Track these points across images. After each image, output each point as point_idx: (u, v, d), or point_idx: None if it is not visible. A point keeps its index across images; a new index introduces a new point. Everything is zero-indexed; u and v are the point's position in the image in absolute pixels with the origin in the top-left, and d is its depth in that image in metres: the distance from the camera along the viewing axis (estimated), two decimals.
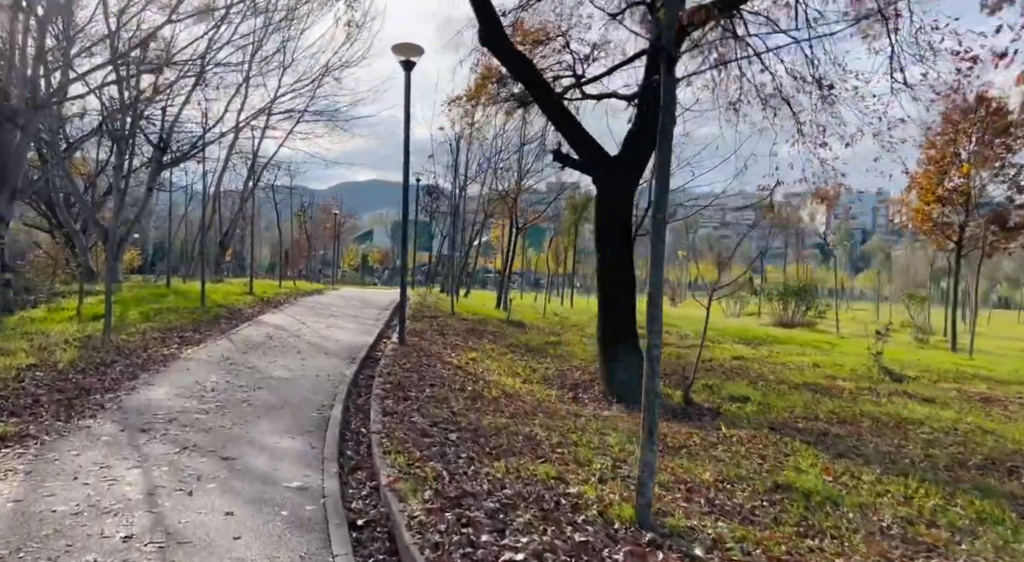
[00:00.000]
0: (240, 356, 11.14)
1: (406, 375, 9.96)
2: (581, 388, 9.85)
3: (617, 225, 9.65)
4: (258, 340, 12.90)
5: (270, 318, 16.32)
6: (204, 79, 26.47)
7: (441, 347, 12.95)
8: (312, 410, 7.83)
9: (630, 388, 9.26)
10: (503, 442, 6.26)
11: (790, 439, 6.74)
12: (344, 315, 17.79)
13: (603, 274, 9.77)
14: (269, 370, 10.08)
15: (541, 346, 13.96)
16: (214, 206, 39.46)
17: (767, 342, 17.50)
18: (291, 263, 60.62)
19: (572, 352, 13.26)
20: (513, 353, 12.92)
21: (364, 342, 13.39)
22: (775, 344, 16.93)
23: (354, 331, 14.83)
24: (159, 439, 6.35)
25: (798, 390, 9.86)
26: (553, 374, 10.73)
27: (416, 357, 11.67)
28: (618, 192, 9.63)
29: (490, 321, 17.23)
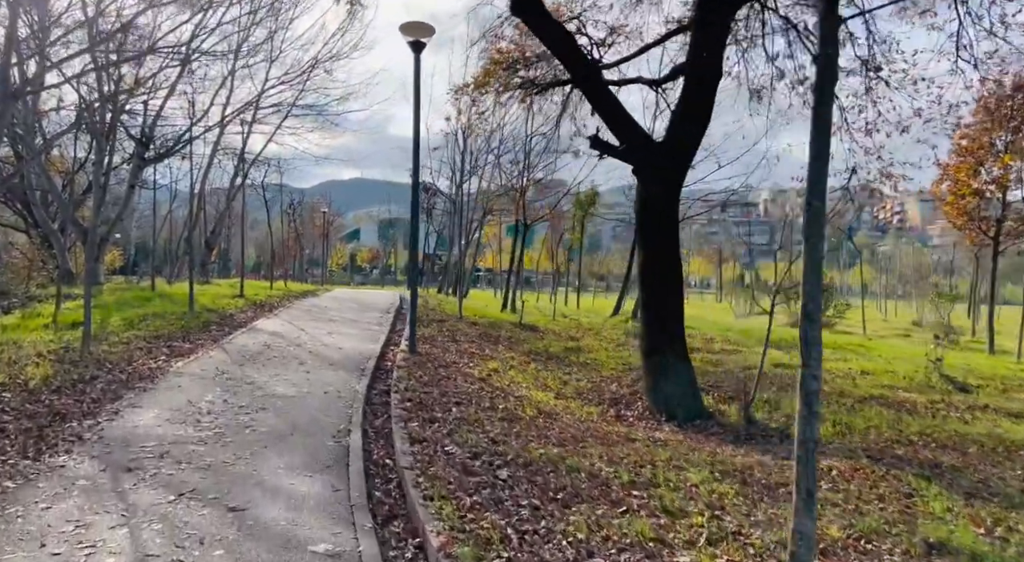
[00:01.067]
0: (237, 369, 10.06)
1: (425, 391, 8.92)
2: (622, 404, 8.87)
3: (662, 219, 8.67)
4: (255, 350, 11.81)
5: (265, 324, 15.21)
6: (189, 69, 25.23)
7: (456, 356, 11.92)
8: (327, 437, 6.78)
9: (680, 404, 8.30)
10: (565, 482, 5.25)
11: (899, 472, 5.78)
12: (344, 320, 16.70)
13: (646, 276, 8.78)
14: (271, 386, 9.01)
15: (562, 353, 12.98)
16: (199, 204, 38.22)
17: (795, 346, 16.61)
18: (278, 263, 59.34)
19: (598, 360, 12.27)
20: (535, 362, 11.92)
21: (371, 351, 12.33)
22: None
23: (358, 338, 13.75)
24: (148, 481, 5.29)
25: (867, 405, 8.92)
26: (587, 387, 9.75)
27: (432, 368, 10.63)
28: (664, 182, 8.64)
29: (501, 325, 16.22)
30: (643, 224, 8.83)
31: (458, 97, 16.21)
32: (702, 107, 8.50)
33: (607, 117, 8.67)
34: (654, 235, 8.71)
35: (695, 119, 8.52)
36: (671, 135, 8.56)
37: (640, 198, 8.83)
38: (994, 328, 18.24)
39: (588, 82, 8.51)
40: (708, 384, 10.00)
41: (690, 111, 8.39)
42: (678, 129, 8.51)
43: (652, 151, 8.56)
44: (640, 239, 8.90)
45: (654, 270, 8.67)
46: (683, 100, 8.63)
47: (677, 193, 8.80)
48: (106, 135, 25.11)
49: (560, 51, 8.50)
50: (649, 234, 8.78)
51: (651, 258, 8.71)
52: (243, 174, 34.21)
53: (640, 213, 8.86)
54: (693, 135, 8.57)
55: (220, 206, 41.62)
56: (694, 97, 8.42)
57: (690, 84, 8.40)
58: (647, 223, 8.77)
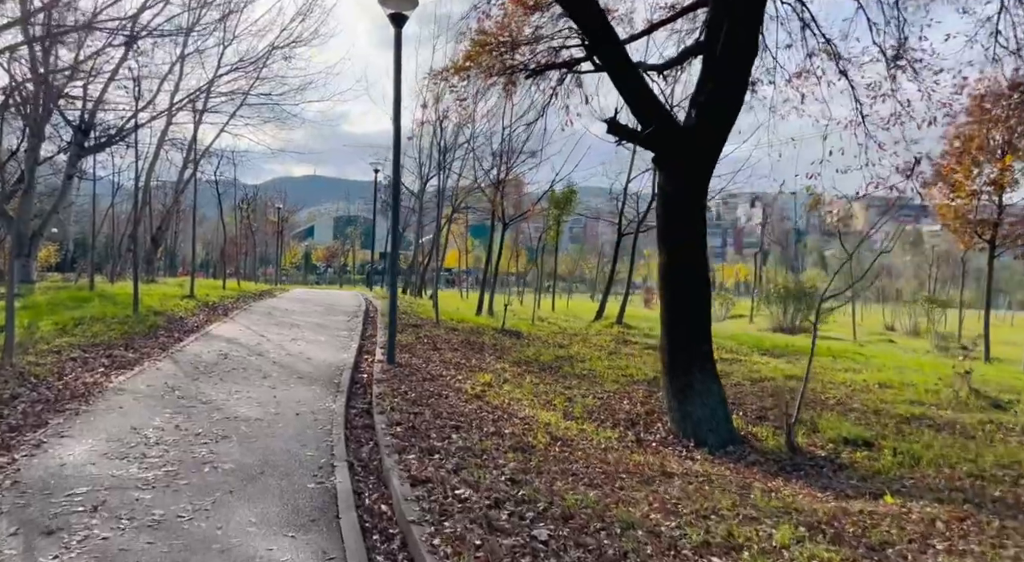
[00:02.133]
0: (190, 385, 8.71)
1: (415, 411, 7.75)
2: (640, 426, 7.85)
3: (688, 217, 7.67)
4: (210, 360, 10.44)
5: (221, 329, 13.76)
6: (134, 50, 23.37)
7: (441, 367, 10.75)
8: (306, 476, 5.57)
9: (711, 429, 7.32)
10: (624, 546, 4.17)
11: (1014, 522, 4.87)
12: (309, 324, 15.34)
13: (669, 281, 7.77)
14: (232, 406, 7.72)
15: (555, 363, 11.93)
16: (145, 198, 36.02)
17: (788, 352, 15.88)
18: (229, 260, 56.85)
19: (596, 371, 11.26)
20: (528, 373, 10.84)
21: (343, 361, 11.07)
22: (803, 355, 15.31)
23: (327, 345, 12.45)
24: (75, 552, 4.03)
25: (912, 427, 8.09)
26: (595, 405, 8.70)
27: (417, 382, 9.45)
28: (691, 173, 7.64)
29: (483, 331, 15.08)
30: (666, 222, 7.81)
31: (436, 83, 15.05)
32: (735, 85, 7.53)
33: (629, 94, 7.64)
34: (679, 235, 7.70)
35: (726, 99, 7.54)
36: (699, 119, 7.56)
37: (662, 192, 7.82)
38: (989, 336, 17.90)
39: (608, 49, 7.45)
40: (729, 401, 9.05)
41: (720, 91, 7.41)
42: (706, 112, 7.51)
43: (680, 137, 7.56)
44: (662, 240, 7.88)
45: (678, 275, 7.67)
46: (710, 79, 7.65)
47: (705, 186, 7.82)
48: (40, 120, 23.14)
49: (576, 7, 7.41)
50: (673, 233, 7.77)
51: (675, 261, 7.70)
52: (193, 166, 32.26)
53: (662, 209, 7.85)
54: (725, 117, 7.60)
55: (168, 201, 39.47)
56: (724, 74, 7.45)
57: (720, 60, 7.41)
58: (670, 221, 7.75)
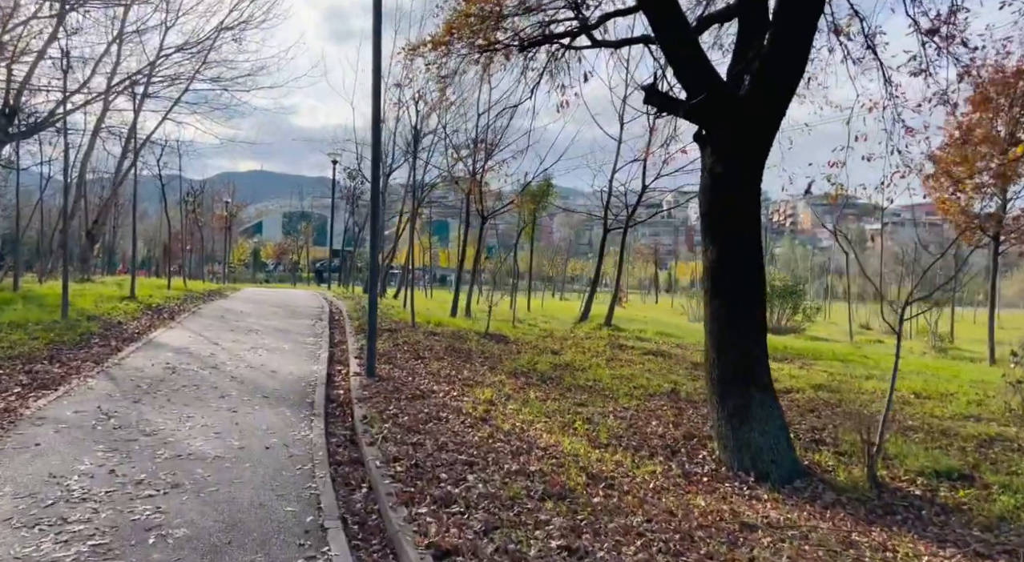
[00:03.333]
0: (130, 409, 7.17)
1: (413, 441, 6.40)
2: (682, 454, 6.65)
3: (743, 203, 6.50)
4: (155, 375, 8.86)
5: (166, 336, 12.09)
6: (64, 28, 21.20)
7: (430, 380, 9.38)
8: (290, 548, 4.20)
9: (773, 459, 6.16)
10: None
11: None
12: (268, 329, 13.74)
13: (718, 283, 6.57)
14: (184, 439, 6.24)
15: (554, 373, 10.67)
16: (80, 190, 33.49)
17: (791, 355, 14.97)
18: (173, 257, 53.97)
19: (602, 382, 10.04)
20: (529, 386, 9.56)
21: (314, 374, 9.62)
22: (803, 358, 14.42)
23: (292, 355, 10.96)
24: None
25: (992, 449, 7.10)
26: (620, 427, 7.45)
27: (406, 401, 8.08)
28: (746, 152, 6.47)
29: (466, 336, 13.72)
30: (716, 210, 6.61)
31: (411, 59, 13.65)
32: (799, 41, 6.37)
33: (674, 55, 6.43)
34: (732, 225, 6.51)
35: (790, 61, 6.38)
36: (756, 86, 6.40)
37: (711, 175, 6.60)
38: (995, 336, 17.36)
39: (658, 4, 6.22)
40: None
41: (780, 50, 6.24)
42: (764, 78, 6.35)
43: (735, 107, 6.37)
44: (709, 233, 6.68)
45: (731, 273, 6.48)
46: (763, 40, 6.49)
47: (762, 166, 6.67)
48: None
49: None
50: (723, 226, 6.57)
51: (725, 259, 6.50)
52: (133, 156, 29.96)
53: (711, 195, 6.63)
54: (787, 82, 6.44)
55: (106, 194, 36.90)
56: (786, 29, 6.28)
57: (784, 13, 6.25)
58: (722, 209, 6.55)
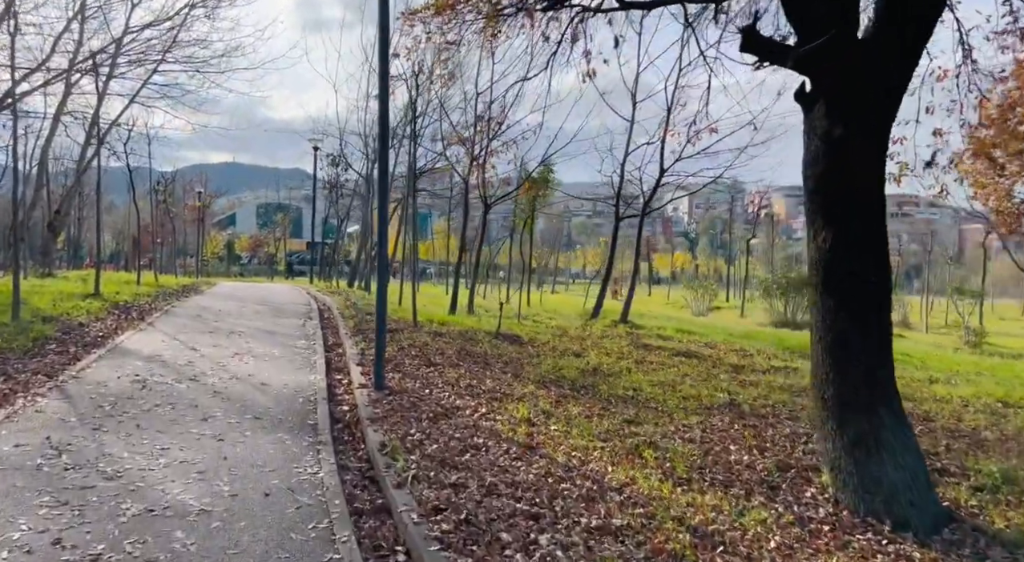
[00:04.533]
0: (87, 440, 5.76)
1: (453, 481, 5.09)
2: (786, 491, 5.41)
3: (869, 176, 5.22)
4: (121, 391, 7.43)
5: (136, 341, 10.62)
6: None
7: (451, 393, 8.04)
8: None
9: (913, 500, 4.92)
10: None
11: None
12: (253, 331, 12.30)
13: (830, 279, 5.28)
14: (156, 485, 4.87)
15: (585, 380, 9.40)
16: (40, 179, 31.53)
17: None
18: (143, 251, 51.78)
19: (643, 391, 8.79)
20: (566, 398, 8.28)
21: (311, 385, 8.25)
22: None
23: (284, 362, 9.56)
24: None
25: None
26: (695, 455, 6.18)
27: (429, 420, 6.75)
28: (874, 111, 5.19)
29: (476, 336, 12.39)
30: (829, 187, 5.30)
31: (411, 25, 12.23)
32: None
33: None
34: (853, 207, 5.22)
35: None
36: (886, 29, 5.13)
37: (824, 142, 5.26)
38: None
39: None
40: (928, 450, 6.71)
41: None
42: (896, 18, 5.08)
43: (860, 55, 5.09)
44: (821, 216, 5.36)
45: (850, 268, 5.20)
46: None
47: (888, 133, 5.41)
48: None
49: None
50: (843, 205, 5.24)
51: (846, 248, 5.19)
52: (96, 141, 28.07)
53: (822, 168, 5.32)
54: (924, 24, 5.17)
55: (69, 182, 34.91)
56: None
57: None
58: (838, 185, 5.24)
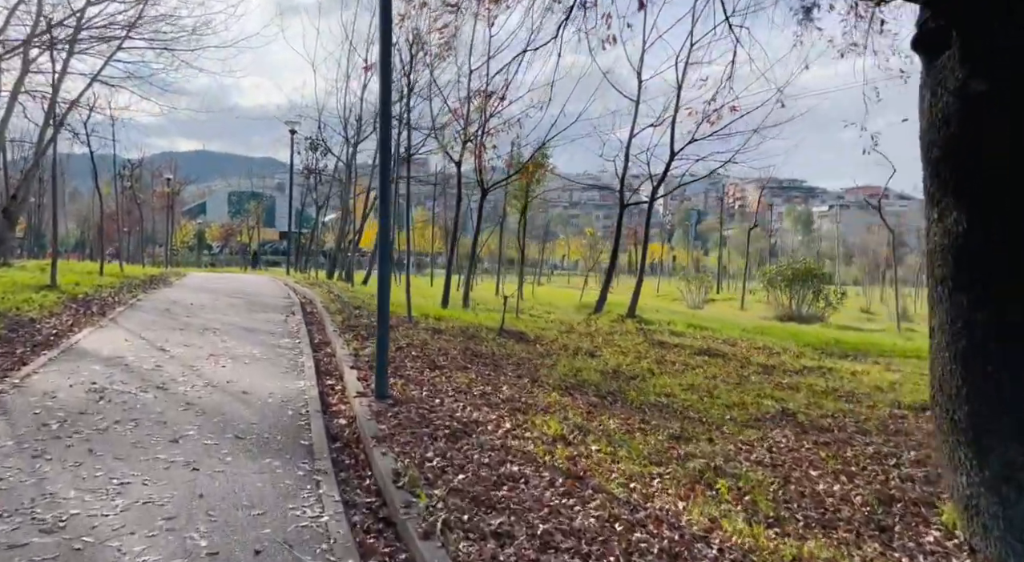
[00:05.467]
0: (23, 472, 4.59)
1: (495, 528, 4.03)
2: (902, 535, 4.44)
3: (1016, 146, 4.22)
4: (73, 404, 6.24)
5: (95, 340, 9.37)
6: None
7: (464, 402, 6.96)
8: None
9: None
10: None
11: None
12: (230, 327, 11.08)
13: (961, 270, 4.27)
14: (109, 540, 3.74)
15: (608, 384, 8.38)
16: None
17: (843, 349, 13.00)
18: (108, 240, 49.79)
19: (677, 397, 7.80)
20: (594, 407, 7.25)
21: (301, 394, 7.13)
22: (869, 355, 12.45)
23: (267, 365, 8.40)
24: None
25: None
26: (774, 485, 5.17)
27: (447, 441, 5.67)
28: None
29: (477, 333, 11.30)
30: (962, 155, 4.28)
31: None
32: None
33: None
34: (998, 179, 4.21)
35: None
36: None
37: (959, 99, 4.22)
38: None
39: None
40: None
41: None
42: None
43: None
44: (951, 191, 4.34)
45: (990, 258, 4.21)
46: None
47: None
48: None
49: None
50: (982, 176, 4.23)
51: (984, 231, 4.19)
52: (54, 122, 26.35)
53: (954, 130, 4.29)
54: None
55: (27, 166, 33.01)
56: None
57: None
58: (976, 152, 4.22)
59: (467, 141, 16.05)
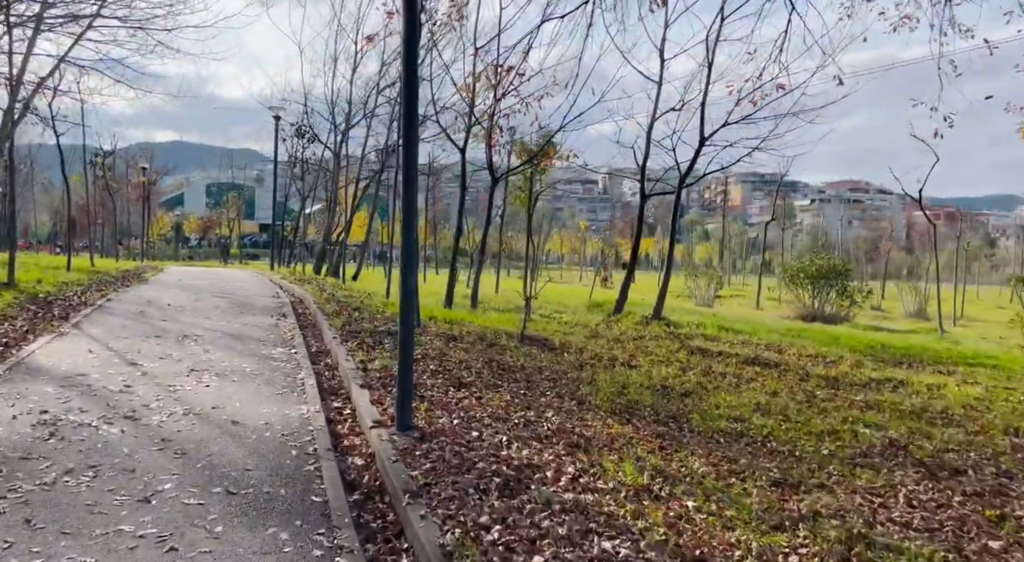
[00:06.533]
0: None
1: None
2: None
3: None
4: (12, 445, 4.90)
5: (52, 352, 7.99)
6: None
7: (503, 432, 5.69)
8: None
9: None
10: None
11: None
12: (214, 333, 9.72)
13: None
14: None
15: (662, 404, 7.17)
16: None
17: (889, 355, 11.87)
18: (80, 232, 48.01)
19: (751, 422, 6.61)
20: (661, 439, 6.01)
21: (304, 424, 5.83)
22: (922, 361, 11.35)
23: (260, 383, 7.09)
24: None
25: None
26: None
27: (501, 498, 4.40)
28: None
29: (497, 340, 9.99)
30: None
31: None
32: None
33: None
34: None
35: None
36: None
37: None
38: None
39: None
40: None
41: None
42: None
43: None
44: None
45: None
46: None
47: None
48: None
49: None
50: None
51: None
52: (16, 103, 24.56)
53: None
54: None
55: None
56: None
57: None
58: None
59: (473, 125, 14.72)
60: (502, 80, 12.26)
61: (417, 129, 5.81)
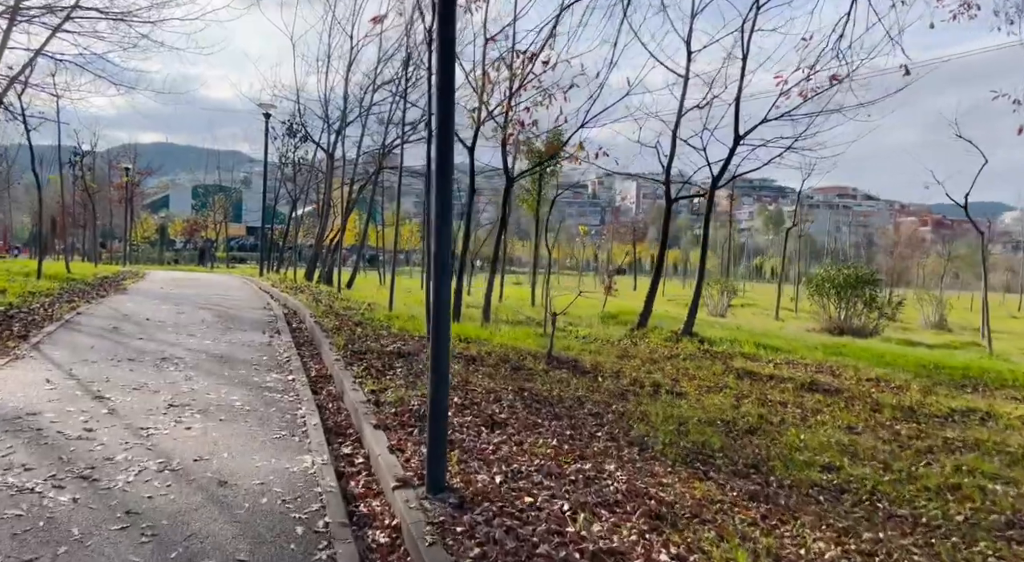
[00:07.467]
0: None
1: None
2: None
3: None
4: None
5: (1, 382, 6.76)
6: None
7: (560, 493, 4.54)
8: None
9: None
10: None
11: None
12: (195, 354, 8.49)
13: None
14: None
15: (731, 447, 6.05)
16: None
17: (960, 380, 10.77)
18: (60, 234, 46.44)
19: (850, 474, 5.51)
20: (754, 500, 4.89)
21: (307, 481, 4.66)
22: (983, 384, 10.29)
23: (251, 421, 5.89)
24: None
25: None
26: None
27: None
28: None
29: (523, 363, 8.85)
30: None
31: None
32: None
33: None
34: None
35: None
36: None
37: None
38: None
39: None
40: None
41: None
42: None
43: None
44: None
45: None
46: None
47: None
48: None
49: None
50: None
51: None
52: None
53: None
54: None
55: None
56: None
57: None
58: None
59: (485, 120, 13.54)
60: (522, 69, 11.08)
61: (453, 114, 4.63)
